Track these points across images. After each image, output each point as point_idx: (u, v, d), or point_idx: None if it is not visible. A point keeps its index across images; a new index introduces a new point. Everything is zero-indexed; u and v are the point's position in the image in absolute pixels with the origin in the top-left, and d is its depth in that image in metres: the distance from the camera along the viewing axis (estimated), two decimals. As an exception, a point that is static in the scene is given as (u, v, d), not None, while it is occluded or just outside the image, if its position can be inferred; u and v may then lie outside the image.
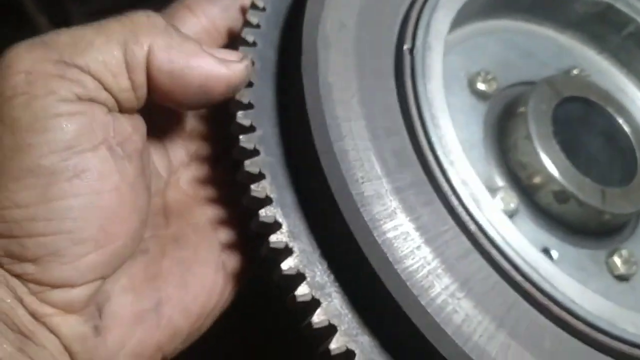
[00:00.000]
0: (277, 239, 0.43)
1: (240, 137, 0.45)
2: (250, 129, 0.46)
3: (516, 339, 0.40)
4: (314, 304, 0.42)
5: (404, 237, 0.41)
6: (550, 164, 0.54)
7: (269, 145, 0.46)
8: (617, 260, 0.56)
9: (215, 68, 0.44)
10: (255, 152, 0.45)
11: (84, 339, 0.42)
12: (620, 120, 0.61)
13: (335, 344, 0.41)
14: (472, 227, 0.43)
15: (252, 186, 0.44)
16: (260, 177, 0.44)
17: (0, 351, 0.39)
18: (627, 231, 0.59)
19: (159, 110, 0.47)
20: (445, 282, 0.40)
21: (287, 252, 0.43)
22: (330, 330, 0.41)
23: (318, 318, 0.41)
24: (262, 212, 0.43)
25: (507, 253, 0.43)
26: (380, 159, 0.43)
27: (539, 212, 0.56)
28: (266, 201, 0.44)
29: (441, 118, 0.47)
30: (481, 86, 0.60)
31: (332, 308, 0.42)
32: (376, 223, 0.41)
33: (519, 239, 0.44)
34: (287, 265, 0.42)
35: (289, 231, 0.43)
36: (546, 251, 0.55)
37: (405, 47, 0.49)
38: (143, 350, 0.45)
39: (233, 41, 0.51)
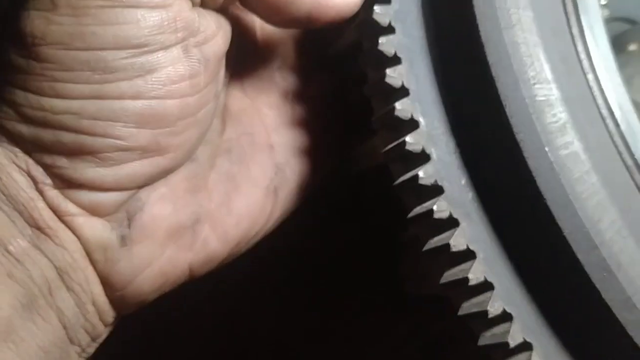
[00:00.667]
0: (414, 140, 0.34)
1: (375, 7, 0.36)
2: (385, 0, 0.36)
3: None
4: (451, 223, 0.34)
5: (574, 158, 0.34)
6: (669, 106, 0.48)
7: (407, 24, 0.37)
8: None
9: None
10: (389, 29, 0.36)
11: (108, 247, 0.35)
12: None
13: (473, 274, 0.34)
14: (629, 161, 0.37)
15: (388, 71, 0.35)
16: (395, 60, 0.35)
17: (13, 245, 0.32)
18: None
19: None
20: (612, 216, 0.34)
21: (423, 157, 0.35)
22: (467, 256, 0.34)
23: (455, 241, 0.34)
24: (398, 105, 0.35)
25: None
26: (550, 59, 0.35)
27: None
28: (402, 92, 0.35)
29: (597, 29, 0.40)
30: (593, 10, 0.53)
31: (472, 231, 0.35)
32: (549, 136, 0.33)
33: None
34: (425, 172, 0.34)
35: (427, 132, 0.35)
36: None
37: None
38: (171, 270, 0.38)
39: None
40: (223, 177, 0.40)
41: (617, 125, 0.37)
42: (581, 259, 0.33)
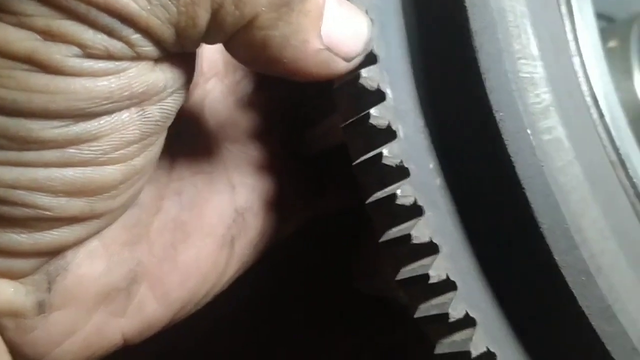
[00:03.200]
0: (379, 113, 0.30)
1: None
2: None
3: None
4: (415, 211, 0.30)
5: (557, 145, 0.30)
6: (649, 107, 0.46)
7: (379, -18, 0.32)
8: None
9: (315, 67, 0.29)
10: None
11: (20, 314, 0.29)
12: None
13: (435, 270, 0.29)
14: (613, 156, 0.34)
15: (354, 33, 0.30)
16: (364, 22, 0.31)
17: None
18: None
19: None
20: (594, 214, 0.30)
21: (389, 134, 0.30)
22: (429, 250, 0.30)
23: (417, 231, 0.29)
24: (364, 73, 0.30)
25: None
26: (537, 34, 0.31)
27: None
28: (369, 58, 0.30)
29: (586, 10, 0.36)
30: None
31: (437, 222, 0.30)
32: (531, 118, 0.29)
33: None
34: (390, 151, 0.30)
35: (394, 107, 0.31)
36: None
37: None
38: (99, 340, 0.32)
39: None
40: (170, 224, 0.34)
41: (601, 115, 0.34)
42: (558, 260, 0.29)
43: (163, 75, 0.27)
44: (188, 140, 0.36)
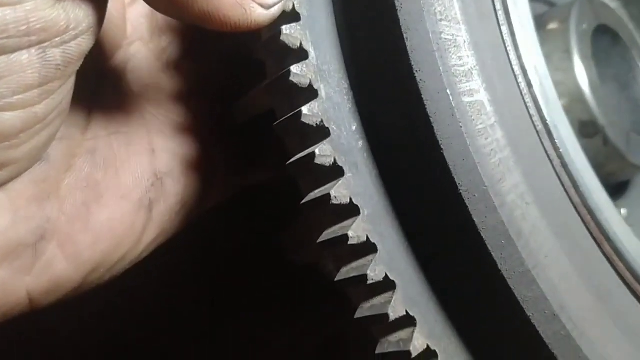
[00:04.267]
0: (300, 71, 0.29)
1: None
2: None
3: (577, 269, 0.31)
4: (335, 171, 0.29)
5: (478, 108, 0.30)
6: (587, 87, 0.46)
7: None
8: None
9: (231, 10, 0.28)
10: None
11: None
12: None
13: (354, 231, 0.29)
14: (540, 125, 0.34)
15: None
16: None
17: None
18: (626, 190, 0.53)
19: None
20: (515, 178, 0.30)
21: (310, 93, 0.29)
22: (350, 211, 0.29)
23: (337, 192, 0.29)
24: (285, 30, 0.29)
25: (571, 170, 0.34)
26: (461, -1, 0.31)
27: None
28: (292, 16, 0.30)
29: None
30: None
31: (357, 183, 0.30)
32: (451, 79, 0.29)
33: (583, 157, 0.36)
34: (310, 110, 0.29)
35: (317, 66, 0.30)
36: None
37: None
38: (3, 296, 0.30)
39: None
40: (82, 183, 0.32)
41: (529, 85, 0.34)
42: (477, 222, 0.28)
43: (65, 14, 0.26)
44: (107, 100, 0.34)
